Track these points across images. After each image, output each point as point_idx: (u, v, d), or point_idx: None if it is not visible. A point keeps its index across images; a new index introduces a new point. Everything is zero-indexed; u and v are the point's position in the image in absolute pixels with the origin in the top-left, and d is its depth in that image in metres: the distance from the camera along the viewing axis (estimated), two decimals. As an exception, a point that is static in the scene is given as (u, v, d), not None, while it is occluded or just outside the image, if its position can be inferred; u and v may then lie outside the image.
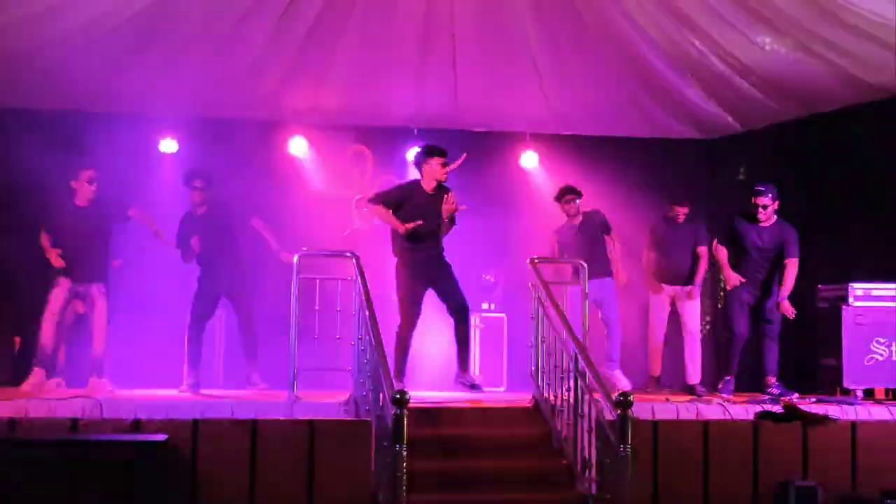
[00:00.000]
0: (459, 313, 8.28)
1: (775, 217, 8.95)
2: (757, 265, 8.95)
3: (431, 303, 8.49)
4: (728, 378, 8.88)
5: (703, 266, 9.74)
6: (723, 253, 9.01)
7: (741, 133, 11.00)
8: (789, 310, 8.74)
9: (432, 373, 9.34)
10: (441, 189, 8.40)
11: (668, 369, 9.92)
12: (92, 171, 8.74)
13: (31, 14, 8.43)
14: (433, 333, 9.02)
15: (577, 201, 9.83)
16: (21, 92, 9.68)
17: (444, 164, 8.40)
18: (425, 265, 8.29)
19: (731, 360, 8.94)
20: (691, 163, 11.35)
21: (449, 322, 8.35)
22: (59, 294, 8.63)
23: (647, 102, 10.69)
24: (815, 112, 10.12)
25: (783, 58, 9.14)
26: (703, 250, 9.67)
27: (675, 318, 9.83)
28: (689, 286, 9.72)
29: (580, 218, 9.85)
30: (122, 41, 9.04)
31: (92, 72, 9.40)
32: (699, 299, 9.84)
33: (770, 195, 8.87)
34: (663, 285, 9.79)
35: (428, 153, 8.44)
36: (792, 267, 8.78)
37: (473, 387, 8.21)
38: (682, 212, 9.81)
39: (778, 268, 8.87)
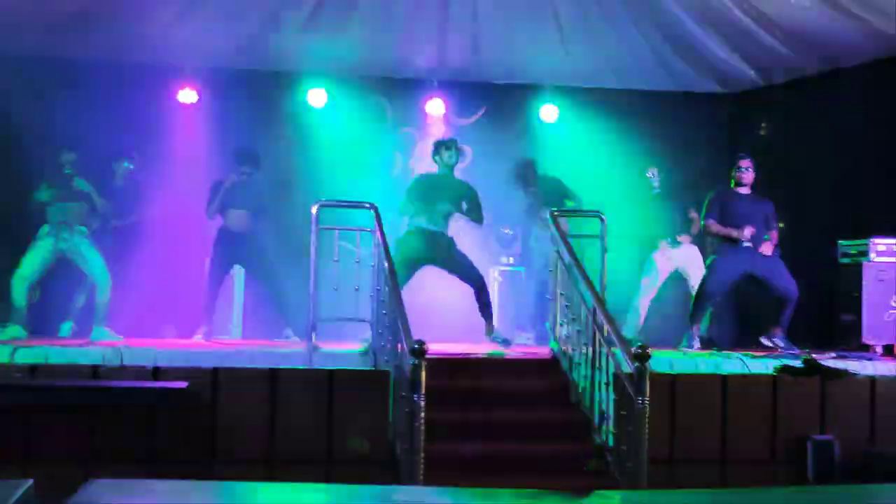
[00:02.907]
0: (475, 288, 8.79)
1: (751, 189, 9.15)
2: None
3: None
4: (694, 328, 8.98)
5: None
6: (716, 226, 9.03)
7: (764, 87, 10.90)
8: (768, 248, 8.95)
9: (451, 325, 9.35)
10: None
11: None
12: (72, 155, 8.78)
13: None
14: (451, 287, 9.04)
15: None
16: (36, 39, 9.63)
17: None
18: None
19: (697, 312, 9.03)
20: (713, 117, 11.25)
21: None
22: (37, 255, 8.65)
23: (669, 56, 10.58)
24: (838, 66, 10.01)
25: (807, 11, 9.04)
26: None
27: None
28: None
29: None
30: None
31: (110, 21, 9.37)
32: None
33: (750, 160, 9.10)
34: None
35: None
36: (775, 238, 9.04)
37: (504, 342, 8.60)
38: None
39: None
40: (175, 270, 9.76)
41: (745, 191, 9.10)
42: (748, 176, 9.07)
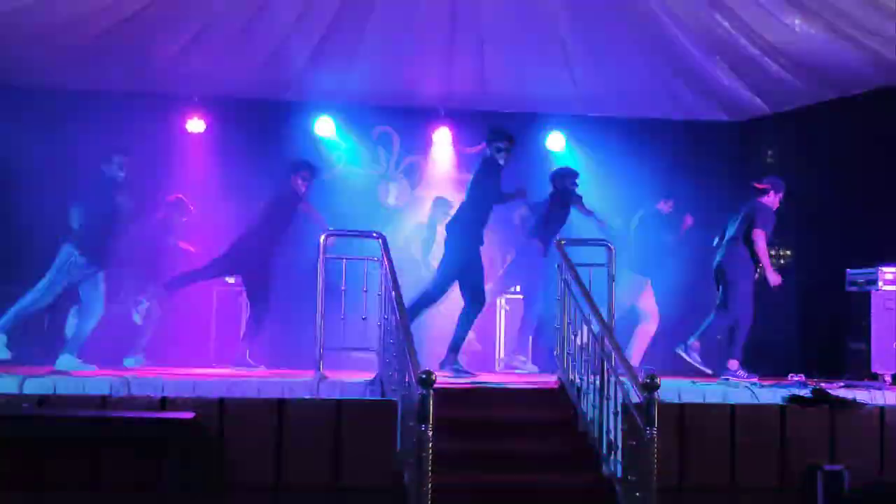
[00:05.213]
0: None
1: None
2: None
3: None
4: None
5: None
6: (764, 245, 8.89)
7: (770, 115, 10.91)
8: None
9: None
10: None
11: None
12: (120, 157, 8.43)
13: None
14: (455, 318, 9.02)
15: None
16: (47, 71, 9.72)
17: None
18: None
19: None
20: (719, 145, 11.25)
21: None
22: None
23: (675, 84, 10.63)
24: (845, 95, 10.02)
25: (813, 39, 9.06)
26: None
27: None
28: None
29: None
30: (149, 20, 9.06)
31: (118, 51, 9.43)
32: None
33: None
34: None
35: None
36: None
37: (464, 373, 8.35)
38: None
39: None
40: (181, 300, 9.74)
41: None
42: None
